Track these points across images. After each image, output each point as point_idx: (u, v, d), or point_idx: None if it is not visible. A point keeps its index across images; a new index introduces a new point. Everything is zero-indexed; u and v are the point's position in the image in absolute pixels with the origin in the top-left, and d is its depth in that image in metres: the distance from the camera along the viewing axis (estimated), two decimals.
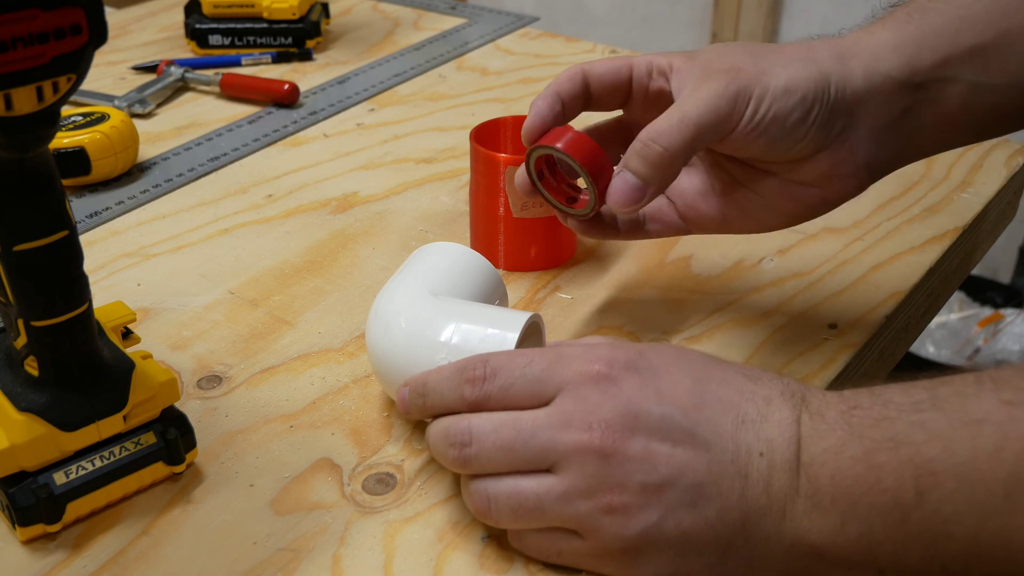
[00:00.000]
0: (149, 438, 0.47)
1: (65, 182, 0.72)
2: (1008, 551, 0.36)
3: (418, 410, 0.46)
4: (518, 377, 0.43)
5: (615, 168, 0.51)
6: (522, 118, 0.66)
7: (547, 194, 0.55)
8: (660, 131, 0.49)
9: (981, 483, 0.36)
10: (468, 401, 0.44)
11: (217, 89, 0.89)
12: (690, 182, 0.55)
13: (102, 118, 0.74)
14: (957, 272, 0.70)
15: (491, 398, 0.43)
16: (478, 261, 0.53)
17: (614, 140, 0.56)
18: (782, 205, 0.53)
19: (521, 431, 0.42)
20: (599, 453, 0.41)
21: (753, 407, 0.41)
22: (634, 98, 0.54)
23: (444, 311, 0.49)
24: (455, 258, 0.53)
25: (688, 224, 0.55)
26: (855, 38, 0.51)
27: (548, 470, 0.42)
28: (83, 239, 0.55)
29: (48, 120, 0.39)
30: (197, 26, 0.96)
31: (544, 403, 0.43)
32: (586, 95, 0.53)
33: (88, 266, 0.44)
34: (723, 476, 0.40)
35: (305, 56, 0.96)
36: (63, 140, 0.72)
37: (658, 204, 0.56)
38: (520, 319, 0.48)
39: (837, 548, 0.39)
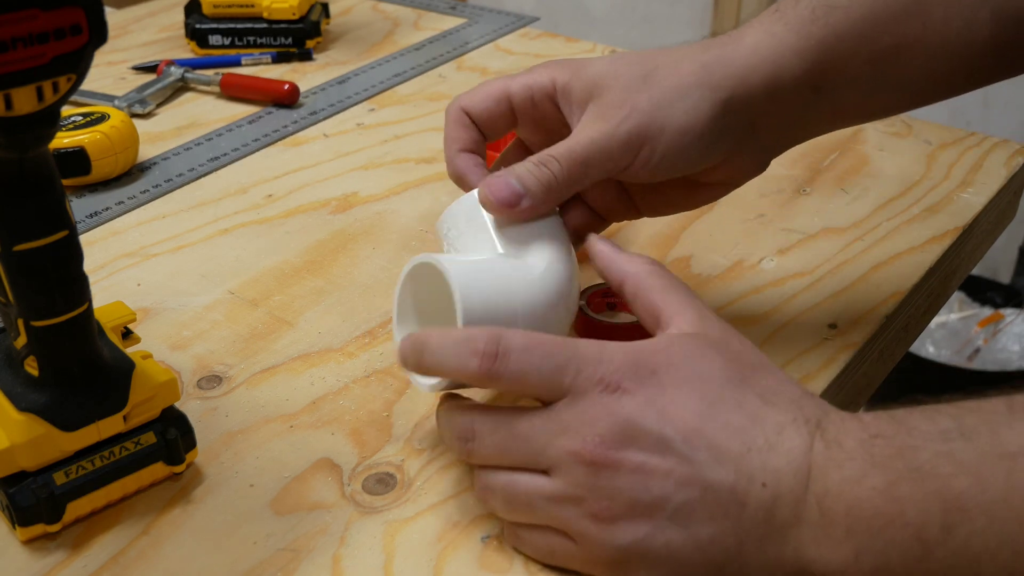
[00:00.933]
0: (149, 438, 0.47)
1: (65, 182, 0.72)
2: None
3: (413, 365, 0.44)
4: (534, 369, 0.42)
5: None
6: None
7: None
8: (550, 157, 0.49)
9: (1016, 521, 0.34)
10: (474, 374, 0.42)
11: (217, 89, 0.89)
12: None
13: (102, 118, 0.74)
14: (957, 272, 0.70)
15: (502, 379, 0.42)
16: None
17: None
18: (689, 201, 0.54)
19: (517, 434, 0.42)
20: (589, 463, 0.40)
21: (761, 435, 0.40)
22: (521, 122, 0.53)
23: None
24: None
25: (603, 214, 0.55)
26: (756, 43, 0.49)
27: (544, 471, 0.42)
28: (83, 239, 0.55)
29: (48, 120, 0.39)
30: (197, 26, 0.96)
31: (551, 399, 0.42)
32: (478, 130, 0.53)
33: (88, 266, 0.44)
34: (718, 503, 0.39)
35: (305, 56, 0.96)
36: (63, 140, 0.72)
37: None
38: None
39: None
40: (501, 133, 0.54)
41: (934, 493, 0.36)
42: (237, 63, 0.94)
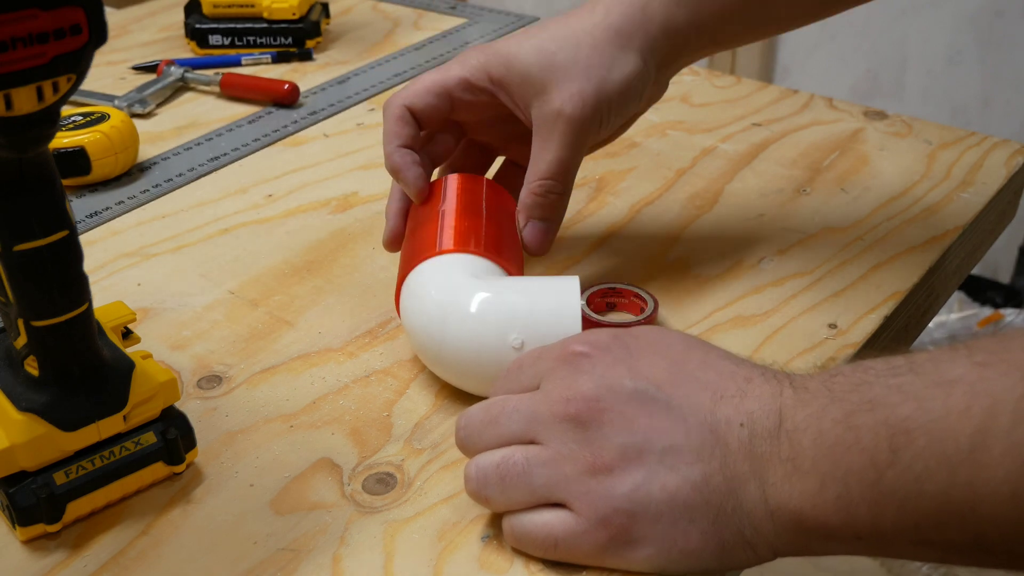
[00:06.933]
0: (149, 438, 0.47)
1: (65, 182, 0.72)
2: (975, 506, 0.36)
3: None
4: (513, 381, 0.47)
5: (519, 219, 0.57)
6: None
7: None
8: (547, 181, 0.56)
9: (951, 439, 0.36)
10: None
11: (217, 89, 0.89)
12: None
13: (102, 118, 0.74)
14: (957, 272, 0.70)
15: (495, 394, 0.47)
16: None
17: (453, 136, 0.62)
18: (611, 138, 0.61)
19: (506, 407, 0.45)
20: (576, 421, 0.43)
21: (733, 384, 0.42)
22: (457, 110, 0.59)
23: (500, 295, 0.51)
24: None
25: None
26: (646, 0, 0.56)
27: (535, 442, 0.44)
28: (83, 239, 0.55)
29: (48, 120, 0.39)
30: (197, 26, 0.96)
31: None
32: (418, 129, 0.58)
33: (88, 266, 0.44)
34: (703, 444, 0.41)
35: (305, 56, 0.96)
36: (63, 140, 0.72)
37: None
38: (572, 284, 0.51)
39: (816, 511, 0.39)
40: (438, 124, 0.60)
41: (883, 420, 0.38)
42: (237, 63, 0.94)
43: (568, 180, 0.57)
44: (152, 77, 0.92)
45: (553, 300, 0.50)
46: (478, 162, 0.64)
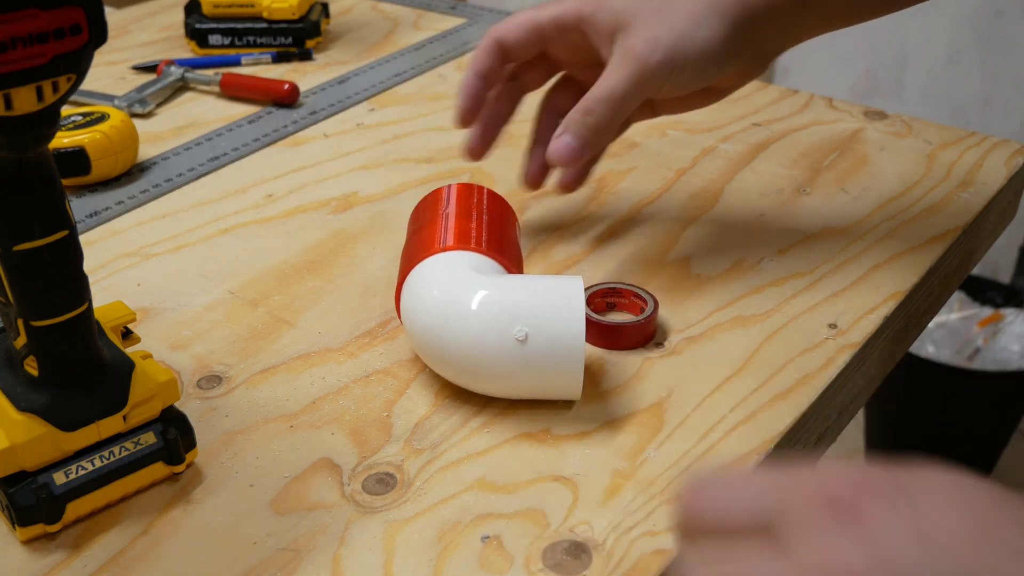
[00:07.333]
0: (149, 438, 0.47)
1: (65, 182, 0.72)
2: None
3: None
4: (735, 501, 0.33)
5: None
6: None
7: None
8: (594, 103, 0.57)
9: None
10: (678, 527, 0.34)
11: (217, 89, 0.89)
12: None
13: (102, 118, 0.74)
14: (957, 272, 0.70)
15: (704, 525, 0.33)
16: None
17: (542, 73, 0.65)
18: (703, 101, 0.62)
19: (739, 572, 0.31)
20: None
21: None
22: (549, 47, 0.62)
23: (503, 290, 0.51)
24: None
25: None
26: None
27: None
28: (83, 239, 0.55)
29: (48, 120, 0.39)
30: (197, 26, 0.96)
31: (763, 530, 0.31)
32: (504, 62, 0.62)
33: (88, 266, 0.44)
34: None
35: (305, 56, 0.96)
36: (63, 140, 0.72)
37: None
38: (575, 283, 0.51)
39: None
40: (530, 56, 0.63)
41: None
42: (237, 63, 0.94)
43: (615, 112, 0.57)
44: (152, 77, 0.92)
45: (556, 297, 0.50)
46: (574, 95, 0.62)
